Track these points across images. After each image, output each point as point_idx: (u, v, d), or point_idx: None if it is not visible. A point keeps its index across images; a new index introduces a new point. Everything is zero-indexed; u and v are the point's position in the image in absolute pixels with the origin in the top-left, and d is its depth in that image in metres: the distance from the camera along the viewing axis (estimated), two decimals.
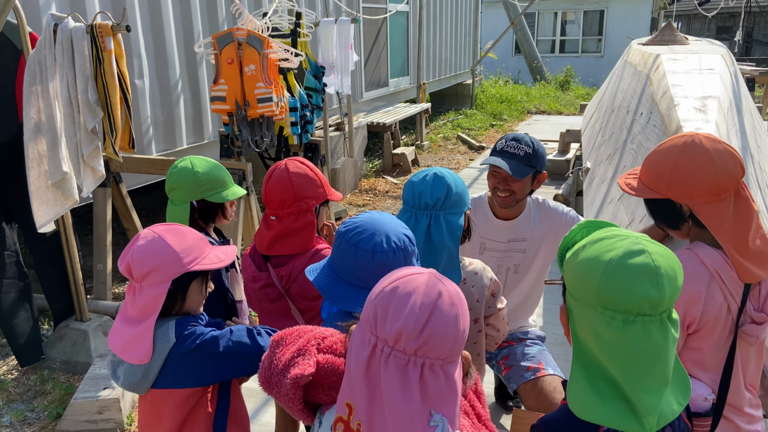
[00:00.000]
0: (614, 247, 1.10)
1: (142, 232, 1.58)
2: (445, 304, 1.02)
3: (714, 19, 22.10)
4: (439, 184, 1.73)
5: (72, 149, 3.12)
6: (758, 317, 1.54)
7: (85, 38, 3.01)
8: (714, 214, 1.50)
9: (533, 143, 2.27)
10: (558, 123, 11.64)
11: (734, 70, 4.38)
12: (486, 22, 19.72)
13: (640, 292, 1.05)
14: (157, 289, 1.53)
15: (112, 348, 1.57)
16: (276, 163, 2.06)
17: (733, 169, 1.49)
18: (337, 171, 6.65)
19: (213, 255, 1.65)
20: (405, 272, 1.07)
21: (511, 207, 2.37)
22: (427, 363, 1.01)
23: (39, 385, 3.36)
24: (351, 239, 1.43)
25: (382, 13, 8.84)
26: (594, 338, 1.10)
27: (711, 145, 1.51)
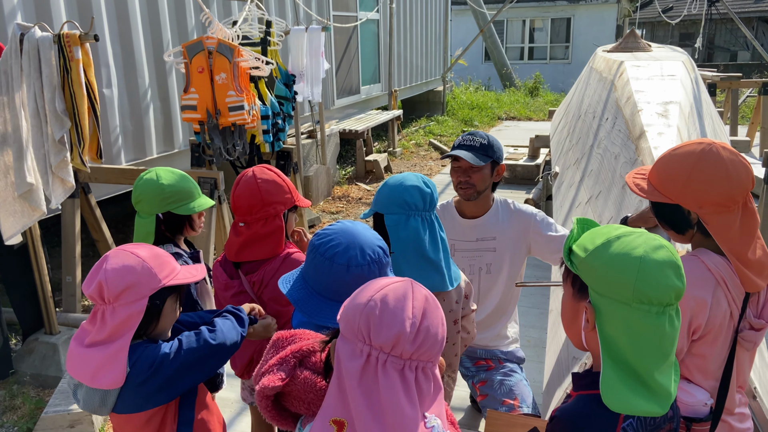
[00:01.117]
0: (638, 244, 1.17)
1: (111, 252, 1.55)
2: (432, 307, 1.09)
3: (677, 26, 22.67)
4: (432, 183, 1.84)
5: (40, 160, 3.08)
6: (757, 324, 1.57)
7: (53, 48, 2.98)
8: (721, 224, 1.52)
9: (487, 137, 2.41)
10: (528, 129, 11.82)
11: (695, 76, 4.51)
12: (456, 29, 19.92)
13: (671, 285, 1.14)
14: (133, 307, 1.50)
15: (76, 376, 1.52)
16: (244, 170, 2.07)
17: (745, 182, 1.50)
18: (310, 178, 6.66)
19: (185, 271, 1.65)
20: (387, 281, 1.12)
21: (474, 198, 2.44)
22: (420, 366, 1.07)
23: (8, 400, 3.29)
24: (325, 253, 1.43)
25: (353, 21, 8.89)
26: (625, 332, 1.15)
27: (727, 156, 1.51)
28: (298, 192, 2.15)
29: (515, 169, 7.92)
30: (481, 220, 2.54)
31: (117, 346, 1.50)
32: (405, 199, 1.76)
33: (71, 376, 1.57)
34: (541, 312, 4.27)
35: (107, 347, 1.49)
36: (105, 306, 1.51)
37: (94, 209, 4.33)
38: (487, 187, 2.46)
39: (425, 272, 1.72)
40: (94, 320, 1.53)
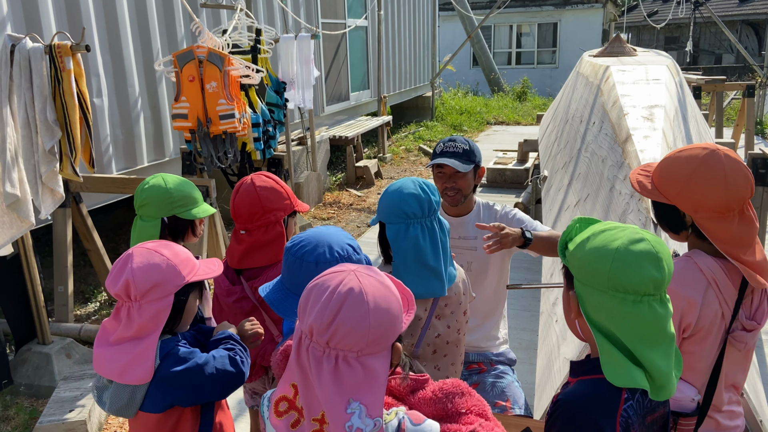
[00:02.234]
0: (618, 237, 1.23)
1: (134, 250, 1.58)
2: (353, 300, 1.09)
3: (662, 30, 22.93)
4: (433, 188, 1.85)
5: (30, 170, 3.09)
6: (749, 325, 1.60)
7: (44, 59, 3.00)
8: (716, 229, 1.55)
9: (468, 141, 2.45)
10: (517, 133, 11.90)
11: (680, 80, 4.59)
12: (444, 35, 20.03)
13: (646, 275, 1.19)
14: (160, 304, 1.54)
15: (105, 374, 1.55)
16: (242, 178, 2.10)
17: (743, 191, 1.53)
18: (301, 185, 6.68)
19: (204, 266, 1.70)
20: (330, 270, 1.17)
21: (460, 204, 2.51)
22: (341, 355, 1.09)
23: (1, 410, 3.28)
24: (296, 253, 1.50)
25: (342, 29, 8.94)
26: (607, 317, 1.22)
27: (729, 163, 1.53)
28: (296, 197, 2.17)
29: (504, 173, 7.98)
30: (462, 219, 2.60)
31: (147, 342, 1.54)
32: (403, 209, 1.78)
33: (98, 379, 1.60)
34: (532, 315, 4.31)
35: (136, 344, 1.53)
36: (131, 303, 1.54)
37: (86, 218, 4.33)
38: (471, 191, 2.53)
39: (426, 279, 1.76)
40: (118, 317, 1.56)
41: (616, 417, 1.21)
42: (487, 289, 2.68)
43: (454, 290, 1.89)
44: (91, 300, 4.82)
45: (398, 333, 1.16)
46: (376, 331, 1.09)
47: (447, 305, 1.89)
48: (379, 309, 1.10)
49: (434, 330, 1.88)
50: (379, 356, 1.12)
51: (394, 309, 1.13)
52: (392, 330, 1.13)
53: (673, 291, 1.50)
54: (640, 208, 2.44)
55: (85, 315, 4.57)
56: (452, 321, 1.90)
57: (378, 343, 1.11)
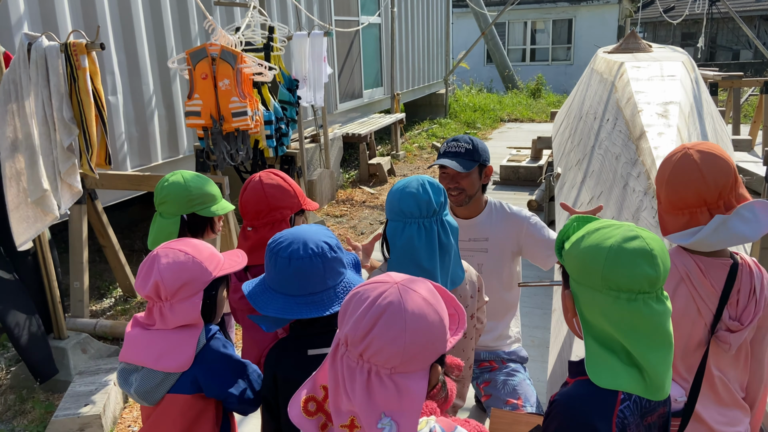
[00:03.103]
0: (612, 235, 1.22)
1: (159, 251, 1.60)
2: (391, 315, 1.05)
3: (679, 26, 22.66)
4: (437, 188, 1.81)
5: (49, 166, 3.13)
6: (733, 326, 1.59)
7: (60, 57, 3.03)
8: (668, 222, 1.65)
9: (472, 140, 2.43)
10: (530, 130, 11.84)
11: (695, 76, 4.54)
12: (457, 32, 19.97)
13: (640, 273, 1.17)
14: (189, 302, 1.57)
15: (139, 360, 1.56)
16: (251, 176, 2.11)
17: (683, 195, 1.60)
18: (314, 182, 6.70)
19: (228, 260, 1.73)
20: (374, 279, 1.14)
21: (465, 204, 2.48)
22: (374, 369, 1.06)
23: (18, 404, 3.33)
24: (273, 249, 1.54)
25: (355, 26, 8.94)
26: (602, 316, 1.21)
27: (682, 163, 1.62)
28: (305, 195, 2.18)
29: (518, 171, 7.95)
30: (473, 221, 2.58)
31: (190, 334, 1.58)
32: (401, 208, 1.77)
33: (124, 363, 1.61)
34: (545, 312, 4.29)
35: (178, 332, 1.57)
36: (162, 303, 1.57)
37: (101, 215, 4.38)
38: (478, 190, 2.50)
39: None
40: (151, 317, 1.60)
41: (612, 418, 1.21)
42: (500, 290, 2.66)
43: (460, 292, 1.88)
44: (107, 296, 4.88)
45: (438, 353, 1.11)
46: (412, 350, 1.05)
47: None
48: (417, 327, 1.06)
49: None
50: (413, 376, 1.07)
51: (434, 328, 1.08)
52: (430, 350, 1.08)
53: None
54: (653, 206, 2.42)
55: (100, 311, 4.62)
56: None
57: (413, 362, 1.06)
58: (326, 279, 1.54)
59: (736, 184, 1.58)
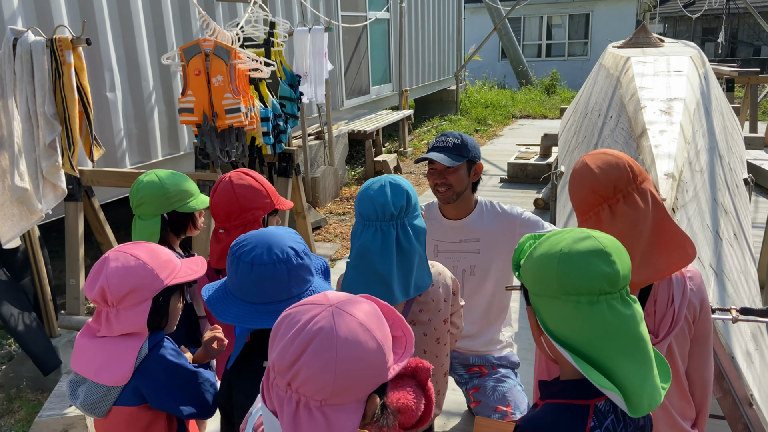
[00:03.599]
0: (563, 239, 1.17)
1: (110, 254, 1.54)
2: (321, 342, 0.96)
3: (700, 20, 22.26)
4: (399, 191, 1.73)
5: (31, 164, 3.09)
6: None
7: (45, 52, 2.99)
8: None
9: (461, 136, 2.37)
10: (542, 127, 11.66)
11: (704, 72, 4.39)
12: (472, 28, 19.79)
13: (596, 271, 1.11)
14: (137, 309, 1.50)
15: (81, 371, 1.51)
16: (221, 176, 2.05)
17: (586, 191, 1.58)
18: (317, 180, 6.63)
19: (186, 267, 1.65)
20: (306, 301, 1.04)
21: (453, 201, 2.40)
22: (303, 401, 0.97)
23: (6, 403, 3.31)
24: (235, 252, 1.45)
25: (362, 21, 8.85)
26: (566, 326, 1.13)
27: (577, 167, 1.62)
28: (279, 195, 2.11)
29: (526, 168, 7.81)
30: (464, 222, 2.50)
31: (130, 344, 1.50)
32: (359, 210, 1.72)
33: (74, 373, 1.57)
34: None
35: (119, 343, 1.50)
36: (109, 308, 1.51)
37: (98, 212, 4.35)
38: (466, 188, 2.42)
39: (371, 284, 1.66)
40: (99, 320, 1.54)
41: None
42: (491, 293, 2.58)
43: (432, 296, 1.80)
44: None
45: (376, 384, 1.01)
46: (343, 381, 0.95)
47: (423, 311, 1.80)
48: (349, 357, 0.96)
49: None
50: (346, 408, 0.97)
51: (370, 357, 0.98)
52: (366, 380, 0.98)
53: None
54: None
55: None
56: (429, 329, 1.82)
57: (345, 394, 0.97)
58: (290, 287, 1.44)
59: (634, 178, 1.56)
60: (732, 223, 3.11)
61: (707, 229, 2.66)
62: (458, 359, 2.65)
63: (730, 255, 2.77)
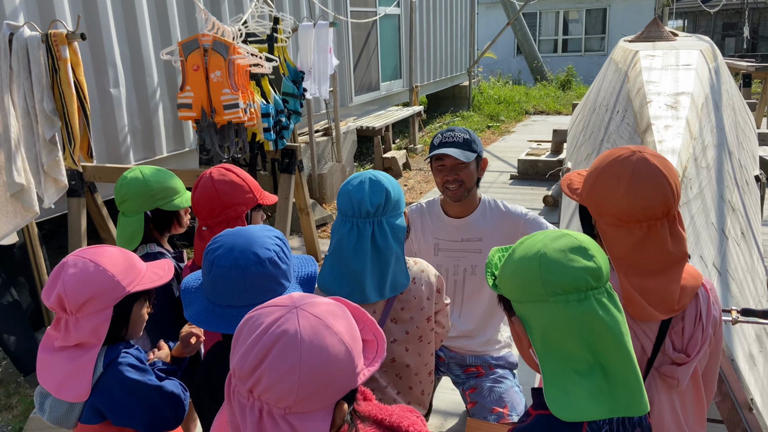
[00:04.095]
0: (537, 241, 1.14)
1: (69, 260, 1.48)
2: (284, 347, 0.90)
3: (720, 15, 21.88)
4: (378, 189, 1.68)
5: (32, 160, 3.09)
6: (678, 358, 1.39)
7: (41, 47, 2.98)
8: (613, 238, 1.37)
9: (467, 131, 2.29)
10: (555, 123, 11.53)
11: (715, 66, 4.28)
12: (487, 23, 19.65)
13: (579, 267, 1.08)
14: (97, 318, 1.44)
15: (45, 385, 1.46)
16: (202, 173, 2.01)
17: (648, 203, 1.32)
18: (324, 176, 6.60)
19: (150, 272, 1.59)
20: (270, 303, 0.98)
21: (464, 198, 2.32)
22: (266, 408, 0.92)
23: (4, 399, 3.32)
24: (206, 249, 1.41)
25: (372, 17, 8.79)
26: (557, 330, 1.08)
27: (639, 167, 1.34)
28: (262, 189, 2.07)
29: (537, 165, 7.71)
30: (466, 220, 2.43)
31: (86, 358, 1.44)
32: (338, 204, 1.68)
33: (40, 389, 1.52)
34: None
35: (76, 358, 1.44)
36: (68, 316, 1.45)
37: (101, 208, 4.36)
38: (474, 184, 2.35)
39: (342, 281, 1.62)
40: (58, 327, 1.47)
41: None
42: (492, 293, 2.52)
43: (414, 294, 1.75)
44: None
45: (344, 390, 0.96)
46: (308, 388, 0.90)
47: (404, 309, 1.75)
48: (314, 362, 0.90)
49: (390, 334, 1.74)
50: (313, 416, 0.92)
51: (337, 362, 0.93)
52: (333, 387, 0.93)
53: None
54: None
55: None
56: (411, 327, 1.77)
57: (310, 401, 0.92)
58: (247, 294, 1.36)
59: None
60: (740, 221, 3.02)
61: (712, 227, 2.58)
62: (455, 359, 2.60)
63: (736, 254, 2.69)
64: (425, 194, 7.29)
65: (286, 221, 4.28)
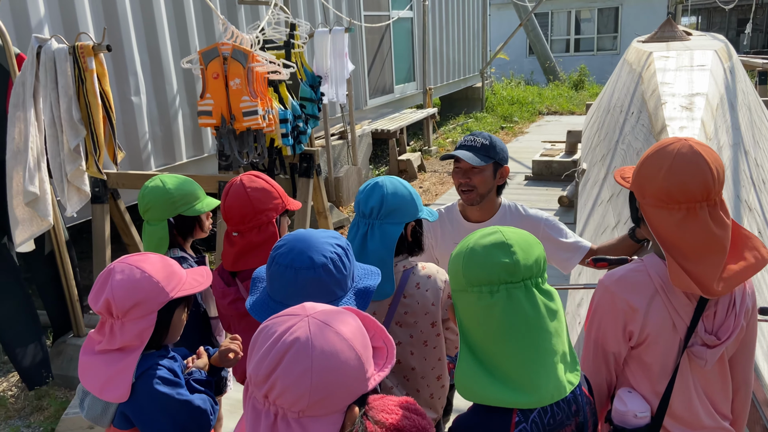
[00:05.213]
0: (473, 236, 1.29)
1: (116, 266, 1.53)
2: (296, 353, 0.95)
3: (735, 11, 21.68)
4: (375, 193, 1.76)
5: (56, 169, 3.17)
6: (709, 340, 1.45)
7: (68, 59, 3.07)
8: (657, 219, 1.42)
9: (490, 137, 2.32)
10: (569, 123, 11.52)
11: (730, 66, 4.28)
12: (498, 24, 19.63)
13: (494, 261, 1.20)
14: (142, 322, 1.49)
15: (89, 387, 1.52)
16: (232, 179, 2.07)
17: (690, 185, 1.37)
18: (341, 179, 6.67)
19: (191, 279, 1.64)
20: (283, 312, 1.04)
21: (477, 203, 2.33)
22: (280, 413, 0.97)
23: (36, 401, 3.41)
24: (272, 251, 1.44)
25: (385, 20, 8.85)
26: (473, 319, 1.22)
27: (683, 152, 1.39)
28: (287, 195, 2.13)
29: (551, 166, 7.73)
30: (487, 224, 2.45)
31: (128, 360, 1.49)
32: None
33: (82, 385, 1.58)
34: None
35: (118, 361, 1.49)
36: (114, 320, 1.50)
37: (124, 214, 4.45)
38: (490, 190, 2.36)
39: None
40: (102, 331, 1.53)
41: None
42: None
43: (418, 299, 1.79)
44: None
45: (356, 394, 1.01)
46: (320, 392, 0.95)
47: (408, 313, 1.79)
48: (325, 368, 0.96)
49: (394, 337, 1.79)
50: (325, 420, 0.97)
51: (347, 368, 0.98)
52: (344, 391, 0.98)
53: (617, 295, 1.46)
54: None
55: None
56: (416, 331, 1.80)
57: (323, 405, 0.97)
58: (299, 296, 1.36)
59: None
60: (757, 221, 3.04)
61: None
62: None
63: None
64: (440, 196, 7.33)
65: (305, 224, 4.35)
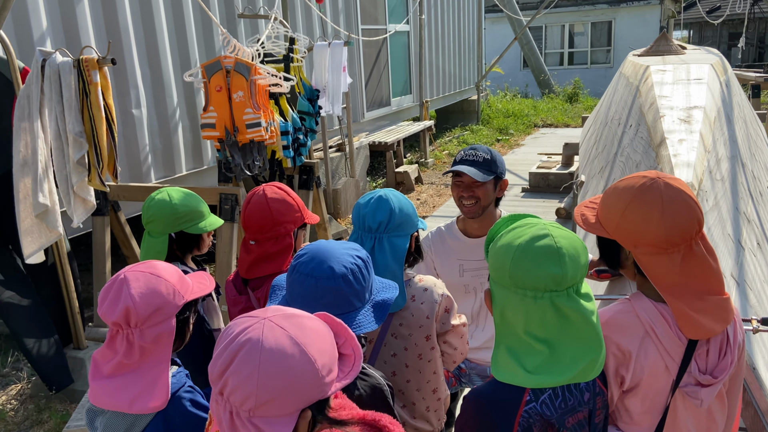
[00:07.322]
0: (523, 234, 1.26)
1: (128, 274, 1.50)
2: (246, 353, 0.99)
3: (726, 26, 21.95)
4: (383, 207, 1.76)
5: (62, 181, 3.18)
6: (704, 380, 1.38)
7: (72, 72, 3.08)
8: (656, 265, 1.36)
9: (490, 151, 2.34)
10: (565, 136, 11.60)
11: (726, 79, 4.35)
12: (493, 38, 19.79)
13: (544, 271, 1.21)
14: (162, 327, 1.48)
15: (110, 406, 1.46)
16: (254, 189, 2.08)
17: (685, 224, 1.34)
18: (339, 192, 6.69)
19: (196, 282, 1.65)
20: (247, 314, 1.07)
21: (478, 215, 2.35)
22: (234, 410, 1.00)
23: (36, 414, 3.39)
24: (294, 259, 1.46)
25: (382, 34, 8.93)
26: (512, 314, 1.25)
27: (668, 193, 1.34)
28: (307, 209, 2.15)
29: (548, 178, 7.78)
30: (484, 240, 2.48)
31: (159, 368, 1.47)
32: (352, 216, 1.85)
33: (91, 406, 1.51)
34: None
35: (146, 371, 1.46)
36: (130, 330, 1.46)
37: (124, 226, 4.45)
38: (491, 203, 2.39)
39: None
40: (113, 347, 1.48)
41: (515, 419, 1.22)
42: None
43: (413, 311, 1.80)
44: None
45: (309, 399, 1.02)
46: (268, 394, 0.98)
47: (402, 325, 1.80)
48: (273, 369, 0.98)
49: (390, 348, 1.81)
50: (276, 421, 0.99)
51: (296, 371, 0.99)
52: (294, 394, 0.99)
53: (607, 338, 1.37)
54: None
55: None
56: (410, 344, 1.81)
57: (271, 406, 0.99)
58: (317, 305, 1.39)
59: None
60: (755, 232, 3.07)
61: (728, 238, 2.63)
62: (475, 370, 2.64)
63: (753, 264, 2.73)
64: (438, 208, 7.36)
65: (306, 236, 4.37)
